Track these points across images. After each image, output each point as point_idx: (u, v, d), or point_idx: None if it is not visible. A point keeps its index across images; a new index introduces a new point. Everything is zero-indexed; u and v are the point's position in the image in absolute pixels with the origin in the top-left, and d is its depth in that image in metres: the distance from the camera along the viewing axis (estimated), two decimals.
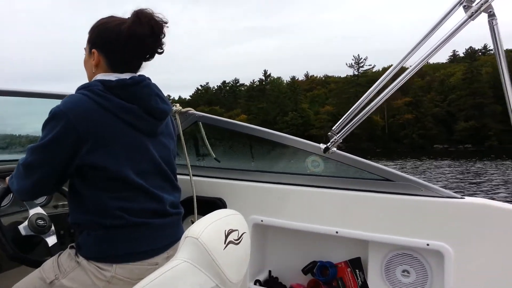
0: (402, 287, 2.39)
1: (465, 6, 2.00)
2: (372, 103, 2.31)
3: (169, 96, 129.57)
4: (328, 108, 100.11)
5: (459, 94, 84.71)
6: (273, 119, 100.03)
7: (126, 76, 1.74)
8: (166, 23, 1.73)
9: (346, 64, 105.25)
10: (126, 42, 1.70)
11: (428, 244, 2.24)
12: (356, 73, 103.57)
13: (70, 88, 1.96)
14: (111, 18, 1.78)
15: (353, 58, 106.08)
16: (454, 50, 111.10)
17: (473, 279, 2.16)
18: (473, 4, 1.98)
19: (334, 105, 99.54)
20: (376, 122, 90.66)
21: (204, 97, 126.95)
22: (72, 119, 1.58)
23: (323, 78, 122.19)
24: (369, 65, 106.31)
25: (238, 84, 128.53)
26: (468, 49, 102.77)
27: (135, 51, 1.75)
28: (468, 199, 2.22)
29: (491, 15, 1.96)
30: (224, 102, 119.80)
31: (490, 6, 1.95)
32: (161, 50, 1.80)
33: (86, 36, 1.82)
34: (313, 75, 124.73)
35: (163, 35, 1.75)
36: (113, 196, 1.66)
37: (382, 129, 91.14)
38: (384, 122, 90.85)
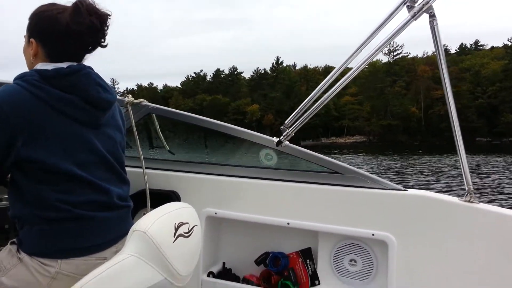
0: (350, 276, 2.48)
1: (408, 6, 2.08)
2: (323, 98, 2.38)
3: (151, 84, 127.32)
4: (348, 98, 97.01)
5: (499, 86, 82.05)
6: (290, 110, 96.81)
7: (64, 65, 1.68)
8: (109, 15, 1.69)
9: (382, 52, 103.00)
10: (64, 34, 1.65)
11: (373, 234, 2.33)
12: (391, 61, 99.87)
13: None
14: (52, 6, 1.71)
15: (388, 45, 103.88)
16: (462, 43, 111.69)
17: (415, 267, 2.27)
18: (416, 5, 2.05)
19: (353, 95, 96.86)
20: (412, 112, 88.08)
21: (201, 85, 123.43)
22: (6, 111, 1.53)
23: (320, 69, 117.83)
24: (406, 53, 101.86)
25: (236, 72, 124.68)
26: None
27: (74, 44, 1.70)
28: (410, 191, 2.33)
29: (432, 16, 2.05)
30: (225, 91, 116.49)
31: (431, 7, 2.03)
32: (104, 43, 1.75)
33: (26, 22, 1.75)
34: (307, 65, 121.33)
35: (106, 27, 1.70)
36: (55, 188, 1.62)
37: (418, 120, 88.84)
38: (421, 113, 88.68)
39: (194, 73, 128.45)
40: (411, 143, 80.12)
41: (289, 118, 2.44)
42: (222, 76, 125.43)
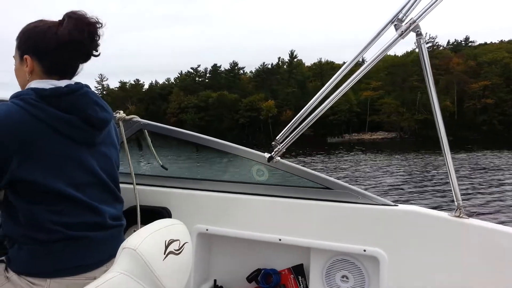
0: None
1: (396, 25, 2.11)
2: (313, 114, 2.38)
3: (137, 80, 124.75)
4: (369, 93, 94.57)
5: None
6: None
7: (62, 84, 1.67)
8: (100, 23, 1.70)
9: (414, 44, 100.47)
10: (61, 46, 1.65)
11: (365, 250, 2.33)
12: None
13: None
14: (41, 22, 1.71)
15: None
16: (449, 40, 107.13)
17: (406, 283, 2.26)
18: (403, 24, 2.08)
19: (375, 89, 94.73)
20: (445, 107, 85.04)
21: (200, 81, 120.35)
22: (3, 131, 1.51)
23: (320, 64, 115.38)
24: (440, 45, 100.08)
25: (237, 67, 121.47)
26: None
27: (70, 55, 1.70)
28: (401, 206, 2.32)
29: (419, 35, 2.08)
30: (228, 87, 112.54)
31: (417, 26, 2.06)
32: (97, 52, 1.75)
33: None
34: (321, 60, 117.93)
35: (97, 37, 1.71)
36: (48, 209, 1.60)
37: (451, 115, 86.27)
38: (454, 108, 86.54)
39: (192, 68, 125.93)
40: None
41: (280, 134, 2.45)
42: (222, 71, 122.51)
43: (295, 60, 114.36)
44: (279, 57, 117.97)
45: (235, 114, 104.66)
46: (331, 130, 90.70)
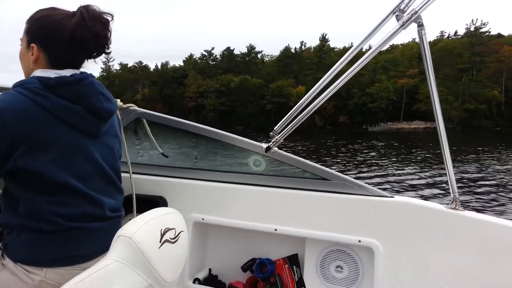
0: (336, 282, 2.49)
1: (397, 15, 2.11)
2: (313, 104, 2.36)
3: (140, 62, 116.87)
4: (404, 80, 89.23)
5: None
6: (346, 93, 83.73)
7: (67, 73, 1.64)
8: (110, 20, 1.66)
9: (466, 29, 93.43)
10: (68, 42, 1.61)
11: (360, 241, 2.35)
12: (473, 40, 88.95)
13: None
14: (54, 11, 1.66)
15: (467, 24, 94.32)
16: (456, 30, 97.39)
17: (400, 274, 2.29)
18: (404, 14, 2.08)
19: (411, 77, 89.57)
20: (492, 96, 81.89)
21: (215, 65, 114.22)
22: (6, 120, 1.48)
23: (340, 50, 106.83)
24: (489, 31, 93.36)
25: (254, 51, 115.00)
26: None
27: (78, 51, 1.66)
28: (397, 198, 2.34)
29: (420, 25, 2.08)
30: (246, 71, 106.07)
31: (419, 17, 2.06)
32: (108, 50, 1.72)
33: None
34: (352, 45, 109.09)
35: (109, 33, 1.67)
36: (49, 200, 1.59)
37: (497, 105, 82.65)
38: (502, 97, 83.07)
39: (205, 50, 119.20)
40: (491, 128, 75.71)
41: (278, 124, 2.45)
42: (237, 55, 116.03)
43: (327, 44, 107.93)
44: (302, 41, 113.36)
45: (261, 99, 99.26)
46: (369, 118, 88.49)
